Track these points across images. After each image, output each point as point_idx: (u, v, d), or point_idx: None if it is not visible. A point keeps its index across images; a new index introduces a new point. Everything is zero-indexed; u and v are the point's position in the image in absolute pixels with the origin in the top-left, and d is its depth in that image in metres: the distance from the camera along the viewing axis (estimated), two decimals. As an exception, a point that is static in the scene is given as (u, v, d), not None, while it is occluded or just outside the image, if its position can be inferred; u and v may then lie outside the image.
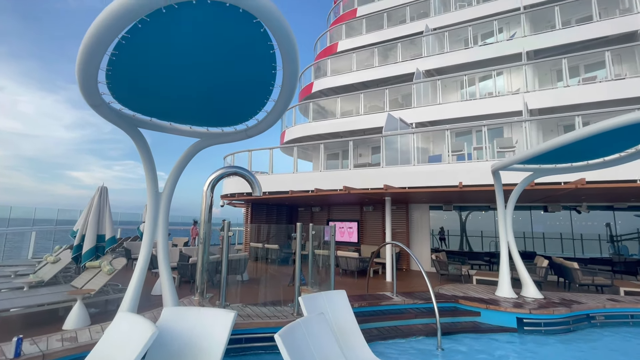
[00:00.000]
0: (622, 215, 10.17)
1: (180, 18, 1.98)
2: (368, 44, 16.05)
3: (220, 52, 2.38)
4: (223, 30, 2.16)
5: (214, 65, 2.51)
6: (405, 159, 9.92)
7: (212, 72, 2.55)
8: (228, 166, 5.16)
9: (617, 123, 3.34)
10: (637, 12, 10.67)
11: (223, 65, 2.50)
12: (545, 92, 10.62)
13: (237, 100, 3.02)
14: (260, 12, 1.89)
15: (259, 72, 2.66)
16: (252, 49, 2.40)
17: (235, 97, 2.97)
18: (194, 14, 1.93)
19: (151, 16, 1.77)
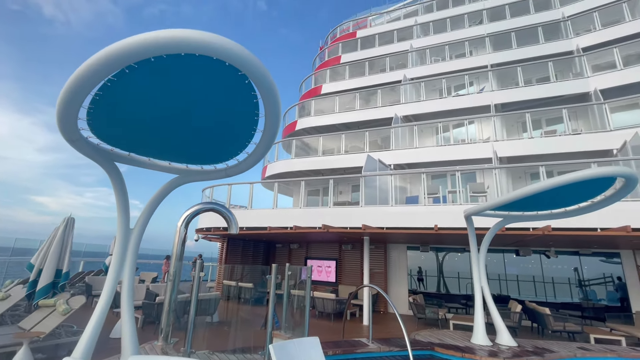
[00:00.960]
0: (588, 261, 10.60)
1: (169, 66, 2.07)
2: (350, 89, 16.97)
3: (205, 100, 2.47)
4: (209, 80, 2.27)
5: (199, 111, 2.59)
6: (383, 199, 10.14)
7: (196, 116, 2.62)
8: (205, 202, 5.09)
9: (571, 178, 3.64)
10: (587, 77, 12.03)
11: (207, 111, 2.58)
12: (512, 142, 11.43)
13: (219, 142, 3.08)
14: (246, 66, 2.02)
15: (242, 118, 2.76)
16: (236, 98, 2.51)
17: (217, 139, 3.03)
18: (183, 63, 2.04)
19: (139, 63, 1.85)
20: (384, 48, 18.08)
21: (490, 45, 15.24)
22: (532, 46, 14.23)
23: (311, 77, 19.43)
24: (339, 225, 9.57)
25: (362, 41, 19.32)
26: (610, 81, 11.59)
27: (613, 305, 9.86)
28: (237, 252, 14.01)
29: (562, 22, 14.36)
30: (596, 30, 13.44)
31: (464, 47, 15.80)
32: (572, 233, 7.14)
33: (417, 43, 17.19)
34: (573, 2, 14.98)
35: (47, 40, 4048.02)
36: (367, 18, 21.61)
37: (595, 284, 10.61)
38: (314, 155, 15.18)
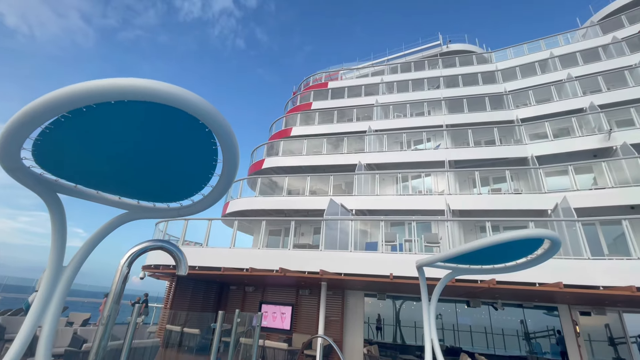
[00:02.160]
0: (533, 313, 11.14)
1: (129, 107, 2.10)
2: (319, 134, 17.70)
3: (164, 141, 2.49)
4: (169, 125, 2.33)
5: (157, 151, 2.59)
6: (344, 244, 10.21)
7: (154, 156, 2.62)
8: (154, 240, 4.83)
9: (505, 238, 4.00)
10: (525, 144, 13.67)
11: (165, 152, 2.60)
12: (463, 197, 12.34)
13: (174, 182, 3.06)
14: (206, 118, 2.12)
15: (200, 162, 2.79)
16: (195, 143, 2.55)
17: (173, 179, 3.01)
18: (145, 107, 2.08)
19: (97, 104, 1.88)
20: (352, 100, 19.41)
21: (446, 107, 16.99)
22: (480, 112, 16.08)
23: (282, 119, 20.09)
24: (297, 269, 9.38)
25: (333, 91, 20.65)
26: (543, 149, 13.25)
27: (555, 359, 10.28)
28: (186, 293, 12.99)
29: (504, 95, 16.53)
30: (531, 105, 15.60)
31: (423, 107, 17.44)
32: (514, 287, 7.60)
33: (382, 99, 18.70)
34: (513, 79, 17.46)
35: (5, 52, 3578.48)
36: (339, 71, 23.35)
37: (540, 336, 11.09)
38: (278, 195, 15.18)
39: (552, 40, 18.63)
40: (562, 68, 16.51)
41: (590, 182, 12.10)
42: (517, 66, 17.86)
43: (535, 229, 4.18)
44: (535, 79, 16.80)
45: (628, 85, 14.22)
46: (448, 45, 22.25)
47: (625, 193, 10.68)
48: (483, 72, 18.33)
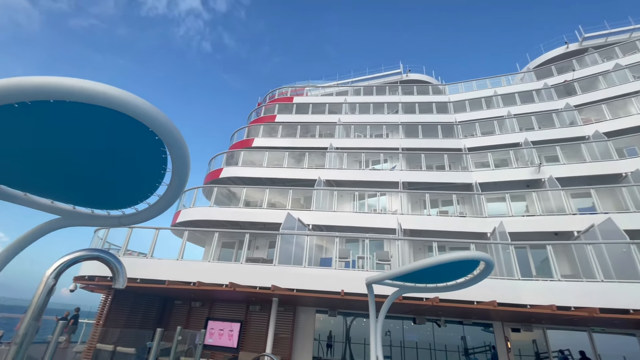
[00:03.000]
0: (472, 330, 11.84)
1: (59, 107, 1.97)
2: (281, 147, 17.72)
3: (108, 144, 2.37)
4: (114, 128, 2.24)
5: (93, 155, 2.45)
6: (298, 259, 10.15)
7: (95, 158, 2.47)
8: (90, 249, 4.42)
9: (445, 259, 4.31)
10: (470, 171, 14.89)
11: (104, 156, 2.47)
12: (414, 217, 13.01)
13: (116, 189, 2.87)
14: (155, 126, 2.08)
15: (147, 169, 2.68)
16: (143, 150, 2.47)
17: (114, 186, 2.82)
18: (76, 108, 1.97)
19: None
20: (316, 116, 19.82)
21: (403, 132, 18.02)
22: (433, 139, 17.28)
23: (245, 129, 19.82)
24: (249, 284, 9.10)
25: (298, 106, 20.92)
26: (486, 177, 14.54)
27: (490, 374, 10.94)
28: (124, 307, 11.89)
29: (455, 125, 18.00)
30: (477, 136, 17.15)
31: (382, 130, 18.33)
32: (455, 305, 8.09)
33: (344, 118, 19.34)
34: (462, 111, 19.12)
35: None
36: (305, 87, 23.81)
37: (479, 351, 11.78)
38: (235, 206, 14.77)
39: (496, 80, 20.83)
40: (503, 105, 18.46)
41: (523, 209, 13.45)
42: (466, 100, 19.63)
43: (471, 251, 4.56)
44: (481, 112, 18.56)
45: (555, 126, 16.28)
46: (408, 74, 23.85)
47: (550, 221, 12.03)
48: (437, 102, 19.85)
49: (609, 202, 12.32)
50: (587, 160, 13.90)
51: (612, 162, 13.35)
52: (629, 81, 16.28)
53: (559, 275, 9.05)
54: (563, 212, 12.05)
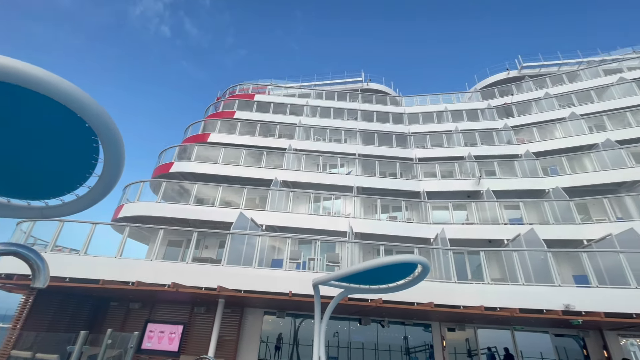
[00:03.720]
0: (413, 330, 12.52)
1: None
2: (239, 144, 17.30)
3: (23, 130, 2.19)
4: (38, 112, 2.08)
5: (16, 136, 2.25)
6: (249, 260, 9.97)
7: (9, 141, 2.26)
8: (6, 243, 3.94)
9: (386, 261, 4.57)
10: (419, 180, 15.83)
11: (24, 141, 2.27)
12: (366, 221, 13.48)
13: (37, 177, 2.64)
14: (84, 112, 1.98)
15: (73, 159, 2.51)
16: (69, 137, 2.32)
17: (35, 174, 2.60)
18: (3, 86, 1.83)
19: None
20: (276, 116, 19.69)
21: (360, 138, 18.61)
22: (388, 147, 18.08)
23: (201, 123, 19.03)
24: (194, 285, 8.73)
25: (259, 104, 20.61)
26: (433, 186, 15.55)
27: (426, 371, 11.63)
28: (48, 309, 10.70)
29: (408, 135, 19.02)
30: (428, 147, 18.30)
31: (340, 135, 18.76)
32: (397, 306, 8.53)
33: (305, 120, 19.46)
34: (416, 123, 20.28)
35: None
36: (267, 86, 23.54)
37: (419, 350, 12.48)
38: (185, 203, 14.08)
39: (447, 97, 22.45)
40: (452, 121, 19.92)
41: (464, 218, 14.59)
42: (420, 113, 20.86)
43: (409, 255, 4.87)
44: (432, 126, 19.86)
45: (494, 143, 17.96)
46: (369, 83, 24.72)
47: (486, 229, 13.21)
48: (394, 113, 20.83)
49: (533, 214, 13.87)
50: (519, 176, 15.52)
51: (538, 179, 15.06)
52: (555, 109, 18.54)
53: (489, 279, 9.97)
54: (497, 222, 13.31)
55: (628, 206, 13.01)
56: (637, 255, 9.47)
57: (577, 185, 14.40)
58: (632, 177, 13.65)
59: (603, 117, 16.74)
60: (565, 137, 16.80)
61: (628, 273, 8.96)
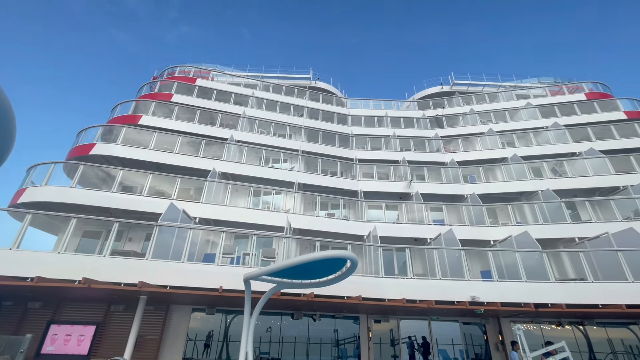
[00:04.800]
0: (343, 323, 13.06)
1: None
2: (176, 130, 16.09)
3: None
4: None
5: None
6: (179, 254, 9.37)
7: None
8: None
9: (316, 257, 4.69)
10: (358, 180, 16.56)
11: None
12: (305, 217, 13.65)
13: None
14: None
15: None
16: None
17: None
18: None
19: None
20: (219, 104, 18.77)
21: (305, 135, 18.75)
22: (331, 146, 18.53)
23: (132, 103, 17.25)
24: (111, 280, 7.91)
25: (201, 90, 19.42)
26: (369, 186, 16.39)
27: (353, 361, 12.23)
28: None
29: (351, 137, 19.74)
30: (367, 149, 19.22)
31: (285, 130, 18.67)
32: (328, 300, 8.83)
33: (249, 112, 18.91)
34: (358, 126, 21.13)
35: None
36: (211, 72, 22.28)
37: (348, 342, 13.06)
38: (106, 190, 12.64)
39: (389, 103, 23.81)
40: (391, 126, 21.21)
41: (395, 217, 15.68)
42: (363, 116, 21.78)
43: (338, 250, 5.07)
44: (373, 129, 20.89)
45: (426, 150, 19.61)
46: (316, 81, 24.98)
47: (413, 228, 14.38)
48: (339, 114, 21.40)
49: (453, 216, 15.51)
50: (444, 181, 17.20)
51: (460, 185, 16.89)
52: (478, 124, 20.94)
53: (413, 274, 10.88)
54: (423, 222, 14.58)
55: (525, 212, 15.34)
56: (530, 254, 11.22)
57: (489, 192, 16.50)
58: (530, 188, 16.10)
59: (513, 135, 19.41)
60: (484, 149, 19.10)
61: (521, 269, 10.57)
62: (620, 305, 9.36)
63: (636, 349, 11.42)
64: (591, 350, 11.47)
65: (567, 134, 18.44)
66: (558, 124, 19.10)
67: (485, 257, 11.57)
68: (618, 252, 10.56)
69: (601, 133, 18.36)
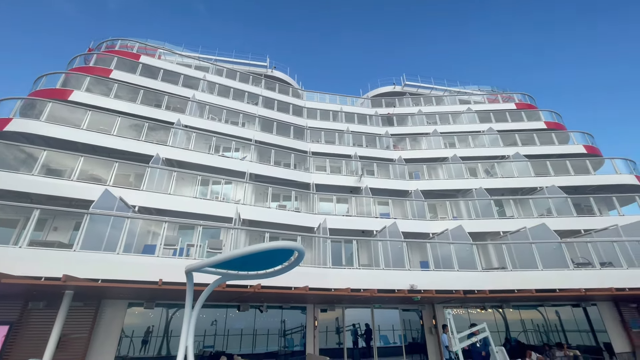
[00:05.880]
0: (290, 313, 13.18)
1: None
2: (113, 109, 14.64)
3: None
4: None
5: None
6: (113, 245, 8.62)
7: None
8: None
9: (263, 247, 4.66)
10: (311, 172, 16.70)
11: None
12: (255, 208, 13.42)
13: None
14: None
15: None
16: None
17: None
18: None
19: None
20: (166, 85, 17.47)
21: (259, 124, 18.32)
22: (285, 138, 18.36)
23: (61, 75, 15.28)
24: (28, 274, 7.02)
25: (145, 68, 17.86)
26: (322, 179, 16.63)
27: (298, 350, 12.46)
28: None
29: (305, 129, 19.75)
30: (321, 143, 19.42)
31: (238, 118, 18.03)
32: (276, 291, 8.84)
33: (200, 96, 17.90)
34: (314, 119, 21.21)
35: None
36: (158, 49, 20.59)
37: (295, 332, 13.23)
38: (26, 172, 11.11)
39: (344, 99, 24.26)
40: (345, 122, 21.66)
41: (345, 210, 16.14)
42: (318, 109, 21.90)
43: (284, 241, 5.09)
44: (328, 123, 21.14)
45: (376, 147, 20.42)
46: (273, 70, 24.44)
47: (361, 221, 14.95)
48: (294, 105, 21.24)
49: (398, 210, 16.44)
50: (392, 177, 18.10)
51: (405, 181, 17.91)
52: (424, 124, 22.31)
53: (359, 264, 11.35)
54: (370, 215, 15.22)
55: (461, 208, 16.82)
56: (462, 246, 12.34)
57: (431, 189, 17.75)
58: (466, 186, 17.66)
59: (454, 137, 21.04)
60: (428, 149, 20.44)
61: (454, 260, 11.61)
62: (531, 290, 10.78)
63: (542, 327, 13.30)
64: (508, 329, 13.09)
65: (499, 138, 20.50)
66: (492, 129, 21.13)
67: (424, 248, 12.47)
68: (532, 244, 12.11)
69: (526, 140, 20.73)
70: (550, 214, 15.64)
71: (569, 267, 11.45)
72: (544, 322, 13.38)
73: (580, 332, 13.14)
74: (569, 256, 11.76)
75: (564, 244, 12.07)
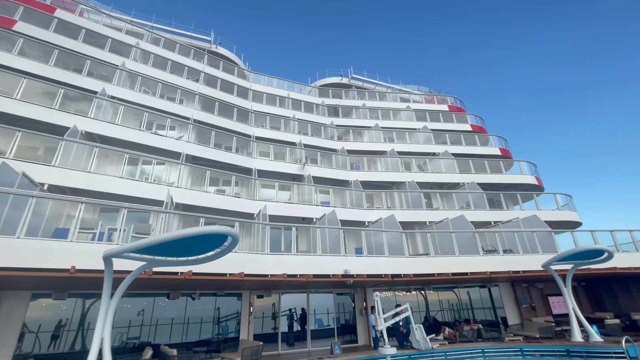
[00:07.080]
0: (225, 300, 12.88)
1: None
2: (17, 69, 12.36)
3: None
4: None
5: None
6: (12, 229, 7.39)
7: None
8: None
9: (195, 232, 4.46)
10: (253, 157, 16.28)
11: None
12: (191, 192, 12.67)
13: None
14: None
15: None
16: None
17: None
18: None
19: None
20: (89, 48, 15.27)
21: (199, 103, 17.15)
22: (228, 120, 17.50)
23: (-58, 20, 12.34)
24: None
25: (62, 24, 15.34)
26: (265, 165, 16.33)
27: (232, 337, 12.28)
28: None
29: (250, 112, 19.09)
30: (266, 128, 18.99)
31: (176, 93, 16.62)
32: (209, 277, 8.53)
33: (131, 64, 16.05)
34: (259, 102, 20.59)
35: None
36: (80, 4, 17.80)
37: (230, 319, 12.97)
38: None
39: (292, 85, 23.91)
40: (292, 109, 21.42)
41: (287, 198, 16.14)
42: (265, 93, 21.28)
43: (216, 226, 4.94)
44: (274, 109, 20.70)
45: (321, 136, 20.67)
46: (217, 46, 22.94)
47: (302, 209, 15.11)
48: (239, 86, 20.30)
49: (338, 199, 16.99)
50: (334, 167, 18.56)
51: (346, 171, 18.53)
52: (367, 118, 23.20)
53: (297, 250, 11.50)
54: (311, 203, 15.47)
55: (395, 199, 18.04)
56: (393, 234, 13.28)
57: (370, 180, 18.66)
58: (401, 179, 18.95)
59: (393, 132, 22.30)
60: (369, 142, 21.36)
61: (385, 246, 12.46)
62: (448, 274, 12.12)
63: (455, 306, 15.11)
64: (428, 309, 14.60)
65: (432, 137, 22.29)
66: (427, 128, 22.86)
67: (359, 236, 13.14)
68: (452, 233, 13.57)
69: (455, 139, 22.89)
70: (469, 207, 17.64)
71: (480, 254, 13.11)
72: (457, 301, 15.22)
73: (484, 309, 15.26)
74: (480, 244, 13.46)
75: (477, 234, 13.76)
